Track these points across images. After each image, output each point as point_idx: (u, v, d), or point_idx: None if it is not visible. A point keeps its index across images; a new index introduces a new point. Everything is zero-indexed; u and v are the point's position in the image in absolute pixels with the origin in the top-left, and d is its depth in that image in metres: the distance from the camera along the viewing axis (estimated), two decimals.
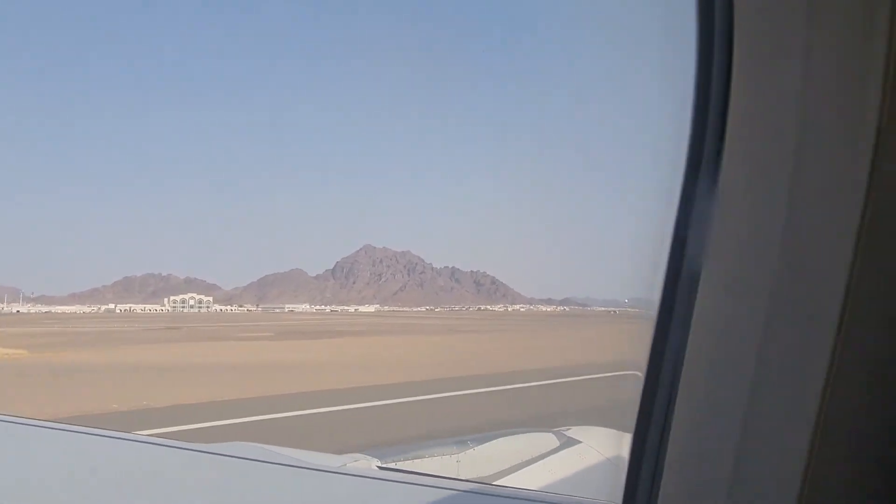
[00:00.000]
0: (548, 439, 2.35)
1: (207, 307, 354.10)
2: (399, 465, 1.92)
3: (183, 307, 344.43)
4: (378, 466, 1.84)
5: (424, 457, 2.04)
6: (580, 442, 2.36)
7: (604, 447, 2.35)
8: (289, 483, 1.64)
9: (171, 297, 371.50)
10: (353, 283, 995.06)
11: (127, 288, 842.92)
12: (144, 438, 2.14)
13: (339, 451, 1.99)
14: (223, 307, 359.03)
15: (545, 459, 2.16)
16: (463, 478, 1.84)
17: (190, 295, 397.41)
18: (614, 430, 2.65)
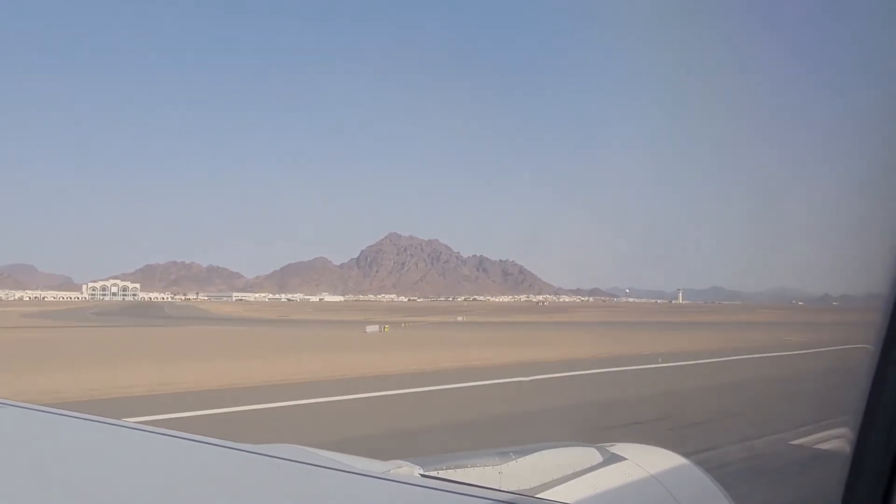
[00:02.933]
0: (591, 454, 2.32)
1: (133, 296, 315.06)
2: (441, 474, 1.91)
3: (104, 295, 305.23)
4: (420, 474, 1.83)
5: (466, 466, 2.03)
6: (625, 459, 2.31)
7: (649, 465, 2.30)
8: (332, 486, 1.63)
9: (91, 284, 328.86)
10: (377, 271, 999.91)
11: (148, 276, 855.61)
12: (191, 437, 2.15)
13: None
14: (152, 295, 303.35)
15: (588, 475, 2.13)
16: (505, 489, 1.83)
17: (112, 281, 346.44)
18: (660, 448, 2.62)
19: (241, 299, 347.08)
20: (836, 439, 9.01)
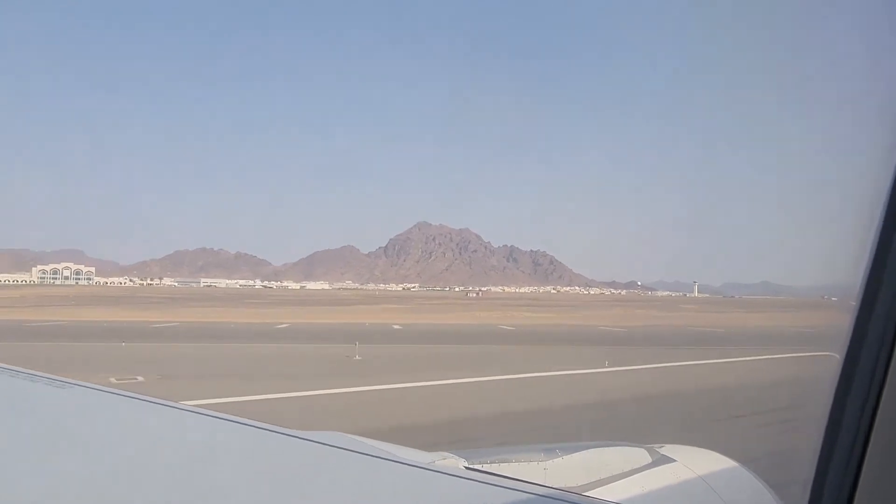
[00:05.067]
0: (640, 455, 2.28)
1: (88, 280, 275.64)
2: (486, 468, 1.89)
3: (55, 279, 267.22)
4: (465, 467, 1.82)
5: (511, 461, 2.02)
6: (674, 460, 2.27)
7: (699, 467, 2.25)
8: (376, 475, 1.63)
9: (41, 267, 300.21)
10: (404, 260, 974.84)
11: (176, 262, 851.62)
12: (236, 419, 2.14)
13: None
14: (108, 280, 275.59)
15: (636, 475, 2.09)
16: (550, 485, 1.77)
17: (64, 265, 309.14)
18: (710, 451, 2.57)
19: (209, 285, 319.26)
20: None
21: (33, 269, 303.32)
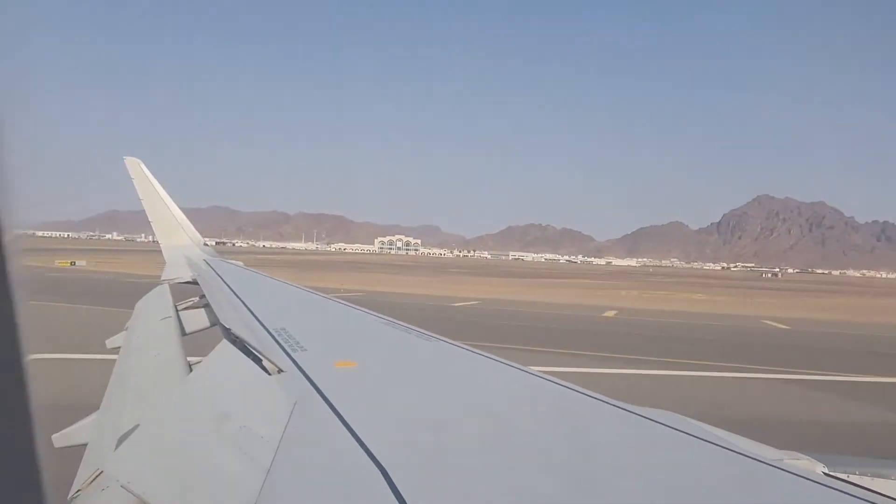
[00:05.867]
0: None
1: (416, 250, 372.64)
2: (851, 478, 1.65)
3: (390, 249, 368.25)
4: (824, 472, 1.61)
5: (881, 475, 1.74)
6: None
7: None
8: (714, 464, 1.51)
9: (380, 239, 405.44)
10: (739, 238, 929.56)
11: (508, 236, 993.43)
12: (579, 389, 2.10)
13: None
14: (431, 251, 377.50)
15: None
16: None
17: (398, 237, 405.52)
18: None
19: (518, 258, 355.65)
20: None
21: (375, 240, 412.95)
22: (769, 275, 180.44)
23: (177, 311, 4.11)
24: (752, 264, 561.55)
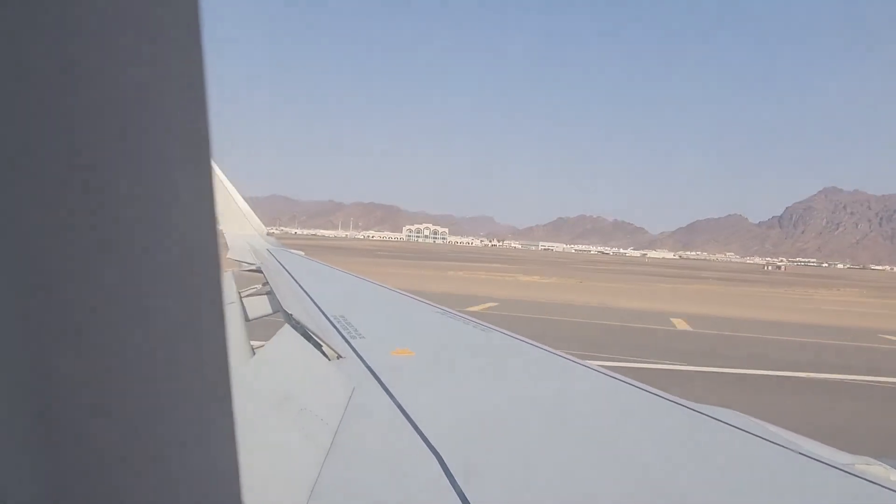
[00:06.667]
0: None
1: (443, 239, 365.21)
2: None
3: (417, 237, 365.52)
4: None
5: None
6: None
7: None
8: (785, 468, 1.46)
9: (408, 227, 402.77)
10: (802, 232, 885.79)
11: (558, 228, 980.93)
12: (639, 385, 2.08)
13: None
14: (457, 240, 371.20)
15: None
16: None
17: (425, 225, 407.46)
18: None
19: (547, 248, 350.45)
20: None
21: (403, 228, 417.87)
22: (771, 267, 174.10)
23: (240, 297, 4.38)
24: (814, 260, 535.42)
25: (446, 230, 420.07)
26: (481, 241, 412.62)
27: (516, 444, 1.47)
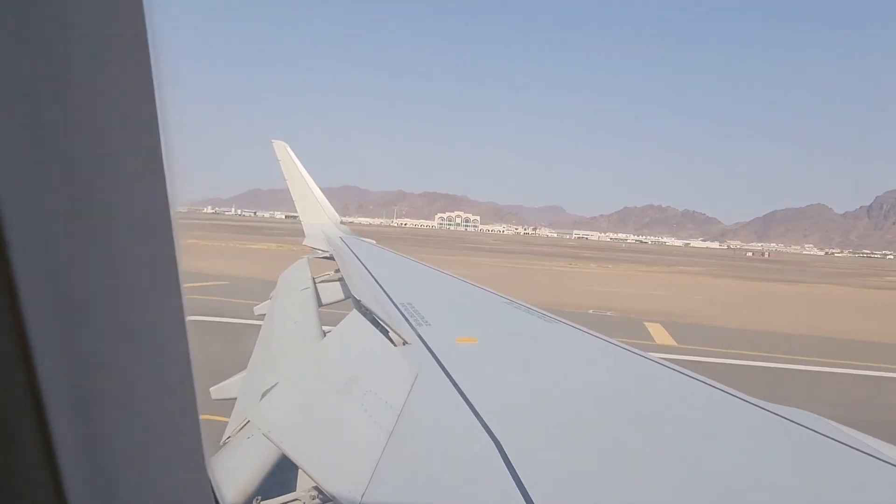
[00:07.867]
0: None
1: (475, 227, 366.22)
2: None
3: (449, 225, 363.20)
4: None
5: None
6: None
7: None
8: (857, 471, 1.44)
9: (439, 215, 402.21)
10: (893, 223, 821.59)
11: (623, 217, 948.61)
12: (708, 381, 2.06)
13: None
14: (489, 228, 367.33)
15: None
16: None
17: (456, 213, 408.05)
18: None
19: (582, 237, 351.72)
20: None
21: (436, 216, 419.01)
22: (750, 254, 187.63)
23: (314, 283, 4.52)
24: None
25: (478, 218, 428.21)
26: (514, 229, 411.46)
27: (575, 435, 1.47)
